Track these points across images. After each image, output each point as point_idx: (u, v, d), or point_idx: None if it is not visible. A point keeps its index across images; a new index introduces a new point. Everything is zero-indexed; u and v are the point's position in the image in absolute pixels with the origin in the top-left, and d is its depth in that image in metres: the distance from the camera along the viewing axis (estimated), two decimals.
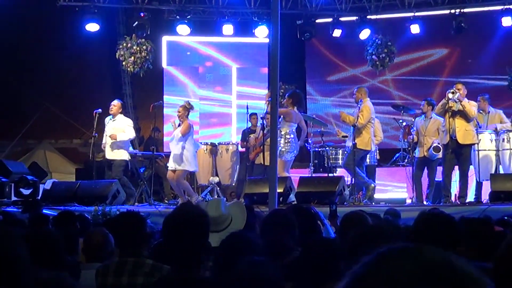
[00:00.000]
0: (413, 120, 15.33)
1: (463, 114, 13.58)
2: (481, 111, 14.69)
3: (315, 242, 4.61)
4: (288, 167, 14.43)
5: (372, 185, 14.15)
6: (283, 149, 13.81)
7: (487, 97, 14.90)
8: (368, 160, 14.63)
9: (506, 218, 7.89)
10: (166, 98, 19.20)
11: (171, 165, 14.51)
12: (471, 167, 14.08)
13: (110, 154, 14.78)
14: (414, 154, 14.85)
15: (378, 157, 15.31)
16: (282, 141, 13.92)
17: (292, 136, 14.09)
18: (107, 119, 14.91)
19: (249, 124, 16.45)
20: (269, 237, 5.17)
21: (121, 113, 15.02)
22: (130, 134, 14.93)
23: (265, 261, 3.82)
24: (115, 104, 14.96)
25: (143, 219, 4.95)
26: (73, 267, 4.97)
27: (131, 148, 15.64)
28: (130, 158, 15.09)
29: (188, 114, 14.57)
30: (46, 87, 19.99)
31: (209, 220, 4.10)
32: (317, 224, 6.72)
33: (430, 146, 14.32)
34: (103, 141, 14.84)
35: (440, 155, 14.25)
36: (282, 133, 13.86)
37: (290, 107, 14.06)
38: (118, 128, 14.76)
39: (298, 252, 5.02)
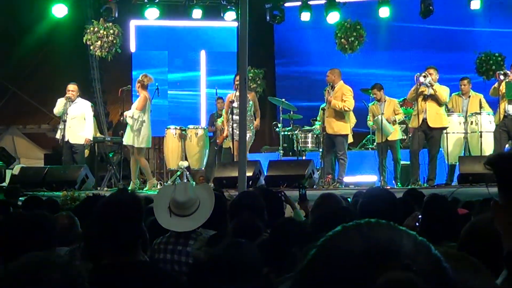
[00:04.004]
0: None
1: (435, 98, 13.64)
2: (461, 95, 14.75)
3: (283, 224, 4.61)
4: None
5: None
6: None
7: (470, 80, 14.97)
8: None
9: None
10: (134, 82, 19.09)
11: (128, 141, 14.49)
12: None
13: (75, 138, 14.67)
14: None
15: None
16: None
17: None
18: (67, 103, 14.65)
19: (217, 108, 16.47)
20: (238, 219, 5.16)
21: (78, 95, 14.98)
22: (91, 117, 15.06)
23: (243, 242, 3.81)
24: (74, 89, 14.81)
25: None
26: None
27: (98, 134, 15.70)
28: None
29: (145, 87, 14.57)
30: (13, 72, 19.80)
31: (142, 205, 4.11)
32: (283, 207, 6.73)
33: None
34: (65, 125, 14.60)
35: (400, 135, 14.46)
36: None
37: None
38: (81, 111, 14.72)
39: (267, 234, 5.02)
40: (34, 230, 3.92)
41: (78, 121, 14.67)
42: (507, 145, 13.96)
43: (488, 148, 13.92)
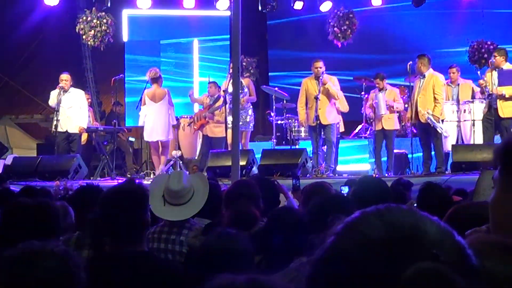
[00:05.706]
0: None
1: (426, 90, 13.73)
2: (450, 84, 14.73)
3: (281, 213, 4.60)
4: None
5: None
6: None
7: (458, 68, 14.95)
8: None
9: None
10: (127, 72, 19.06)
11: (160, 137, 14.63)
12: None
13: (74, 128, 14.66)
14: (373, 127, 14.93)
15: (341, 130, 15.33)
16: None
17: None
18: (60, 92, 14.64)
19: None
20: (234, 207, 5.15)
21: (71, 85, 14.96)
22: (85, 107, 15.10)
23: (235, 232, 3.80)
24: (67, 78, 14.79)
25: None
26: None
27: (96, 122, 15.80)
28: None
29: (153, 81, 14.68)
30: (6, 62, 19.74)
31: (147, 196, 4.11)
32: (279, 195, 6.71)
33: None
34: (60, 115, 14.56)
35: (396, 125, 14.48)
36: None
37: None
38: (76, 100, 14.69)
39: (263, 222, 5.02)
40: (41, 218, 3.90)
41: (75, 111, 14.66)
42: (497, 135, 13.98)
43: (480, 136, 13.93)
